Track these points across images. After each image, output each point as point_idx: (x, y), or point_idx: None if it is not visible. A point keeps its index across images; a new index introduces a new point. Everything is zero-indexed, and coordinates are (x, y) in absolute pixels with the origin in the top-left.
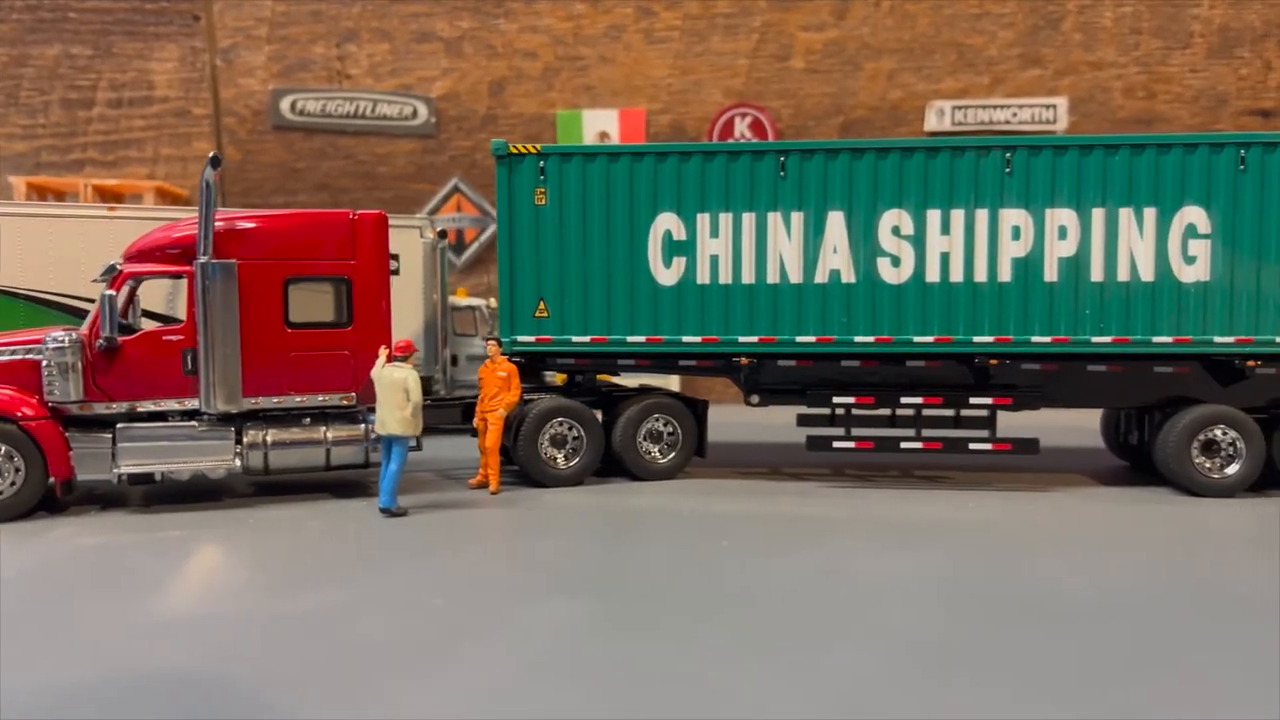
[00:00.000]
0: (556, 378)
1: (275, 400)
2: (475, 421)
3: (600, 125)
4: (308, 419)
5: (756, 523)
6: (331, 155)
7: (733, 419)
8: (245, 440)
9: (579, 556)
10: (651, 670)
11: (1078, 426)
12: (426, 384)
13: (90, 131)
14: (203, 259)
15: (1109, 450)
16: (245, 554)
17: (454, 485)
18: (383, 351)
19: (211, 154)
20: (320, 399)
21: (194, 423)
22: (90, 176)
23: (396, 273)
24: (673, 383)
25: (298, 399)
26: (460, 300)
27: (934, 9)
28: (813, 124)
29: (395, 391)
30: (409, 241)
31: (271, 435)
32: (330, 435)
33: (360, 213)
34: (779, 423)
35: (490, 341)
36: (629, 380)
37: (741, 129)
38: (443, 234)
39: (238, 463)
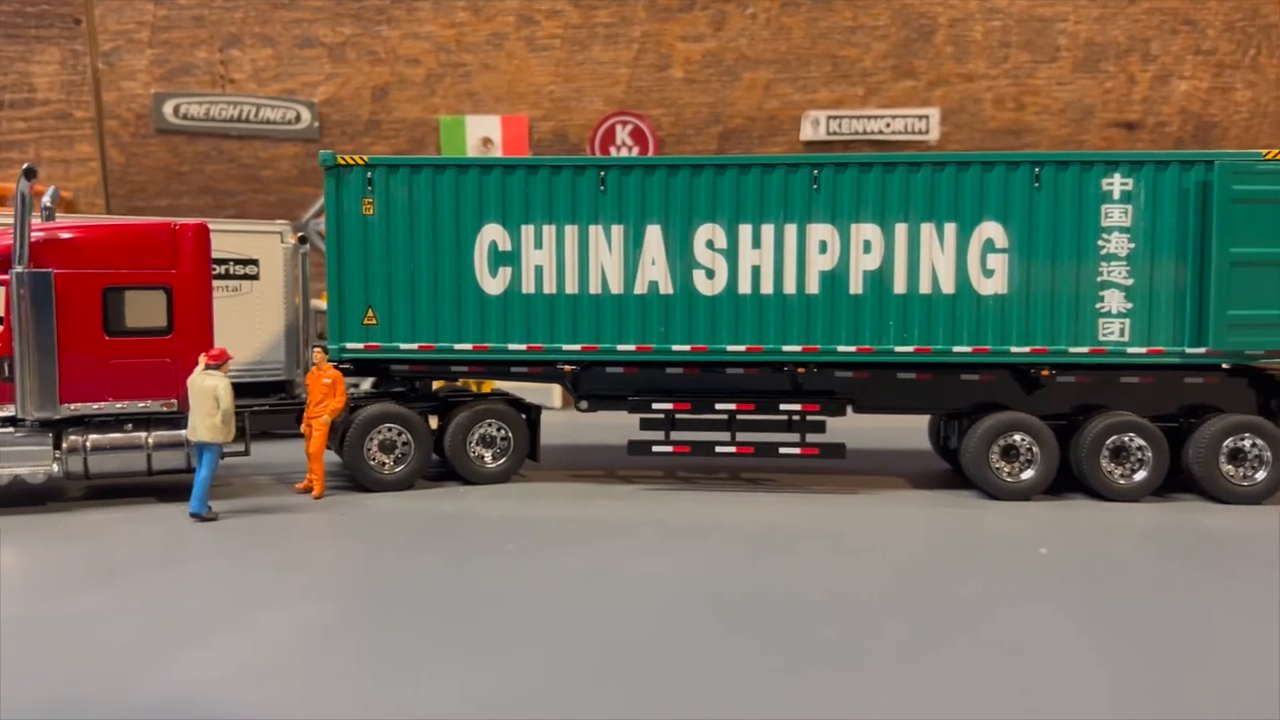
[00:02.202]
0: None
1: (96, 407)
2: (302, 427)
3: (483, 131)
4: (130, 425)
5: (554, 526)
6: (215, 159)
7: (588, 421)
8: (64, 445)
9: (358, 561)
10: (339, 674)
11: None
12: (289, 386)
13: None
14: (17, 268)
15: (936, 453)
16: (35, 558)
17: (284, 489)
18: (202, 359)
19: (25, 165)
20: (142, 405)
21: (11, 429)
22: None
23: (256, 277)
24: (554, 390)
25: (119, 405)
26: (324, 304)
27: (809, 21)
28: (692, 132)
29: (206, 399)
30: (270, 247)
31: (91, 440)
32: (151, 440)
33: (181, 223)
34: (630, 425)
35: (316, 348)
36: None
37: (623, 137)
38: (303, 239)
39: (55, 467)
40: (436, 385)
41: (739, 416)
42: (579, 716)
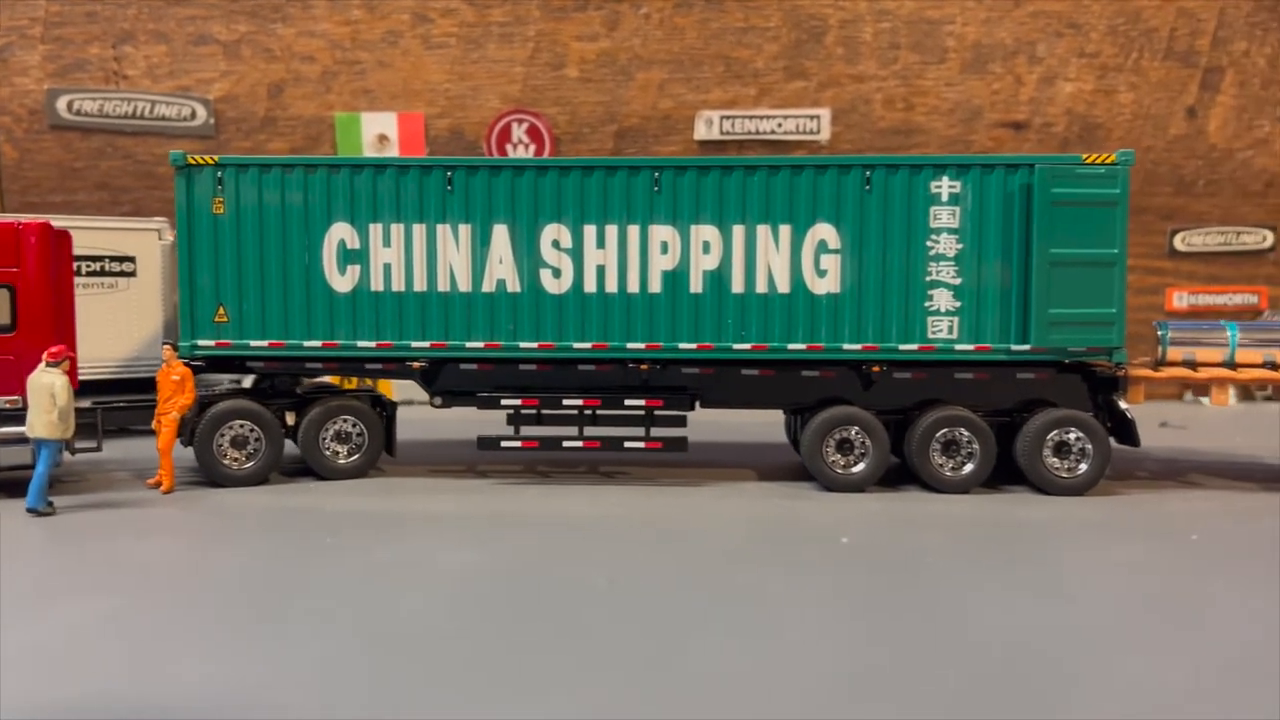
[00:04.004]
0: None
1: None
2: (153, 424)
3: (379, 128)
4: None
5: (386, 520)
6: (111, 155)
7: (481, 417)
8: None
9: (173, 554)
10: (99, 662)
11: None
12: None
13: None
14: None
15: (792, 446)
16: None
17: (138, 485)
18: (46, 357)
19: None
20: None
21: None
22: None
23: (133, 274)
24: None
25: None
26: None
27: (701, 22)
28: (588, 131)
29: (43, 396)
30: (147, 243)
31: None
32: None
33: (24, 222)
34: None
35: (165, 345)
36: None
37: (519, 134)
38: None
39: None
40: (331, 381)
41: (588, 412)
42: (300, 704)
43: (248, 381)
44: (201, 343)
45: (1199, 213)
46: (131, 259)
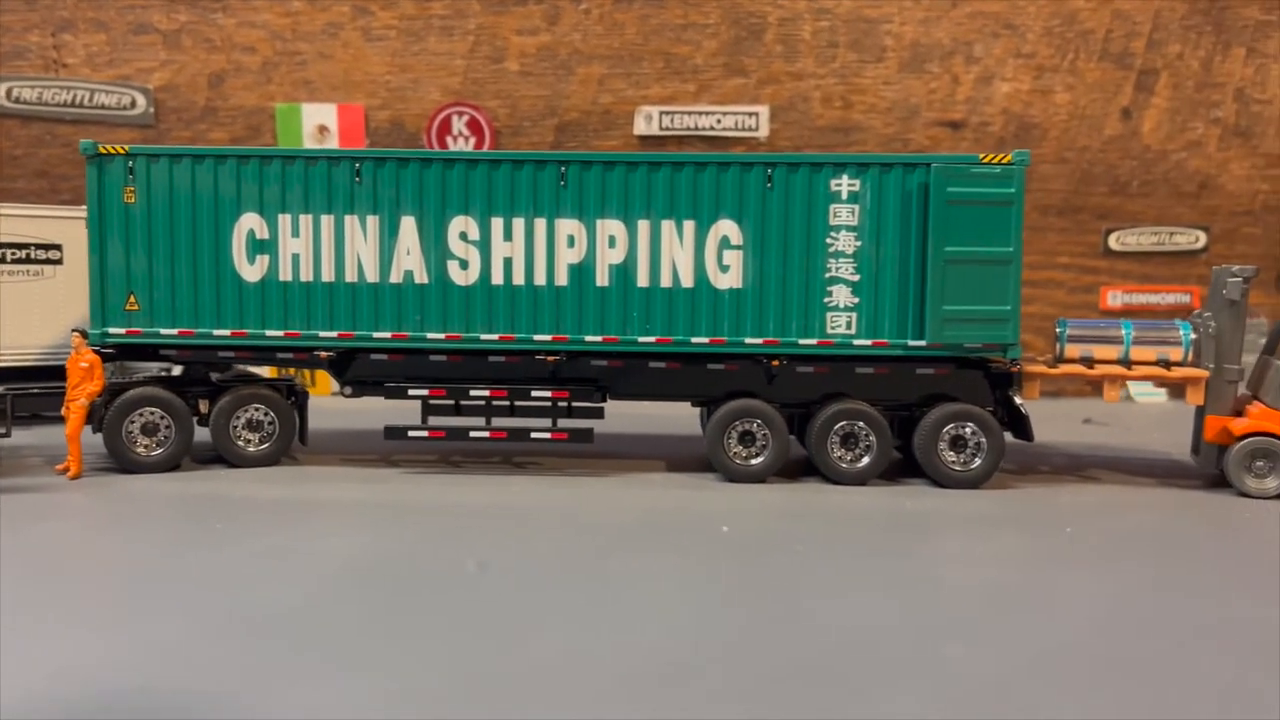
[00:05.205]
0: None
1: None
2: (63, 410)
3: (319, 119)
4: None
5: (282, 507)
6: (50, 143)
7: (392, 406)
8: None
9: (56, 538)
10: None
11: None
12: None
13: None
14: None
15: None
16: None
17: (47, 470)
18: None
19: None
20: None
21: None
22: None
23: (60, 262)
24: None
25: None
26: None
27: (641, 19)
28: (528, 124)
29: None
30: (74, 231)
31: None
32: None
33: None
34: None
35: (75, 333)
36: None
37: (460, 127)
38: None
39: None
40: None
41: (497, 403)
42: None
43: (178, 370)
44: (112, 330)
45: (1133, 213)
46: (58, 247)
